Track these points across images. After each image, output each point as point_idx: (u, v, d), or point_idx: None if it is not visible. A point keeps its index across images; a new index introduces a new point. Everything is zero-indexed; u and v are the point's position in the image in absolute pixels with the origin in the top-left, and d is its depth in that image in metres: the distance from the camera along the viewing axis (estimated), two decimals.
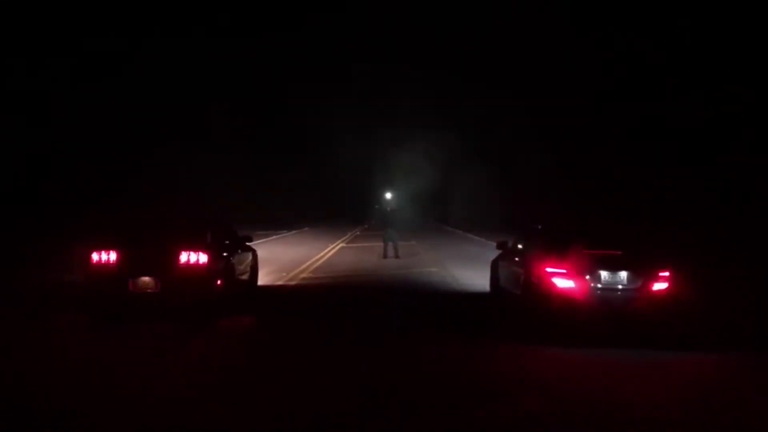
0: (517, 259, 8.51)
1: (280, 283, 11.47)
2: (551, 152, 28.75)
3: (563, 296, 7.13)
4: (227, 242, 8.94)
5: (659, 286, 7.10)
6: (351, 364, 5.88)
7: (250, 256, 10.05)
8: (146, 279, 7.73)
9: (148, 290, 7.74)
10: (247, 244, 9.96)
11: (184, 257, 7.82)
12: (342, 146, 52.07)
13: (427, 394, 4.98)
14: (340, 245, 21.43)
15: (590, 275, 7.12)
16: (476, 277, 11.74)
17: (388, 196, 16.89)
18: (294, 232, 29.23)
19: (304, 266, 14.28)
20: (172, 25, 34.40)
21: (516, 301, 8.20)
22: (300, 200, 47.07)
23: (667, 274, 7.14)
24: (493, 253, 10.16)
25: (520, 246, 8.76)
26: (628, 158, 21.34)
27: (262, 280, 11.13)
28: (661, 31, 21.25)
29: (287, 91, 47.79)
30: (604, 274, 7.14)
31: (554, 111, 28.10)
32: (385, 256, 16.19)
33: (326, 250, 18.85)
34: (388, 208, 17.03)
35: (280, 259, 15.46)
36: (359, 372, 5.61)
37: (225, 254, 8.56)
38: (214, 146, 33.69)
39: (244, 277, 9.63)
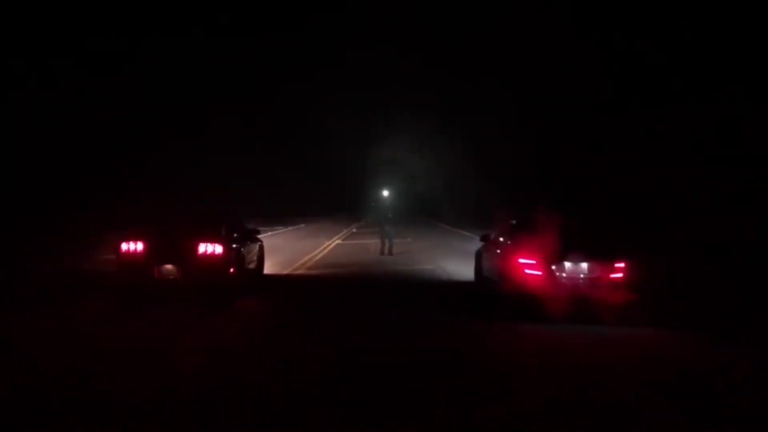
0: (497, 251, 9.76)
1: (285, 272, 12.74)
2: (548, 153, 29.91)
3: (533, 283, 8.40)
4: (237, 235, 10.17)
5: (615, 275, 8.37)
6: (345, 338, 7.15)
7: (257, 247, 11.31)
8: (169, 267, 8.98)
9: (171, 277, 8.97)
10: (255, 236, 11.18)
11: (202, 248, 9.07)
12: (340, 144, 53.26)
13: (410, 352, 6.26)
14: (337, 242, 22.60)
15: (556, 266, 8.40)
16: (463, 268, 13.03)
17: (386, 193, 17.89)
18: (290, 228, 30.40)
19: (302, 261, 15.47)
20: (171, 25, 35.43)
21: (495, 287, 9.45)
22: (300, 199, 48.15)
23: (622, 265, 8.42)
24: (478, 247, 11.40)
25: (500, 239, 10.00)
26: (627, 158, 22.34)
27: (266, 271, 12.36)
28: (662, 31, 22.16)
29: (287, 90, 48.86)
30: (568, 265, 8.42)
31: (553, 111, 29.29)
32: (382, 253, 17.24)
33: (322, 247, 20.01)
34: (385, 206, 18.05)
35: (280, 253, 16.64)
36: (356, 345, 6.86)
37: (236, 245, 9.80)
38: (214, 145, 34.80)
39: (252, 266, 10.89)
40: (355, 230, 29.99)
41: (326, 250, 19.10)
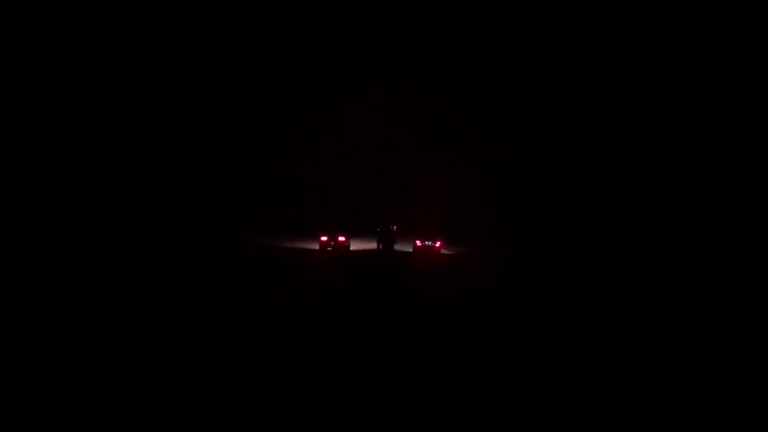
0: (412, 240, 40.95)
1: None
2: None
3: (418, 248, 39.79)
4: (347, 232, 41.21)
5: (437, 244, 39.54)
6: (367, 261, 38.19)
7: (349, 238, 42.26)
8: (332, 243, 40.18)
9: (332, 247, 40.09)
10: (348, 235, 42.23)
11: (341, 238, 40.27)
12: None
13: (387, 264, 37.32)
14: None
15: (423, 242, 39.68)
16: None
17: (386, 220, 46.76)
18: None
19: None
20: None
21: (412, 252, 40.59)
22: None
23: (439, 241, 39.60)
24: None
25: (413, 236, 41.08)
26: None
27: None
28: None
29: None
30: (426, 241, 39.59)
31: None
32: (381, 253, 47.60)
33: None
34: (385, 230, 47.99)
35: None
36: (372, 263, 37.88)
37: (348, 236, 40.98)
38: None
39: (349, 245, 41.87)
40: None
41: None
